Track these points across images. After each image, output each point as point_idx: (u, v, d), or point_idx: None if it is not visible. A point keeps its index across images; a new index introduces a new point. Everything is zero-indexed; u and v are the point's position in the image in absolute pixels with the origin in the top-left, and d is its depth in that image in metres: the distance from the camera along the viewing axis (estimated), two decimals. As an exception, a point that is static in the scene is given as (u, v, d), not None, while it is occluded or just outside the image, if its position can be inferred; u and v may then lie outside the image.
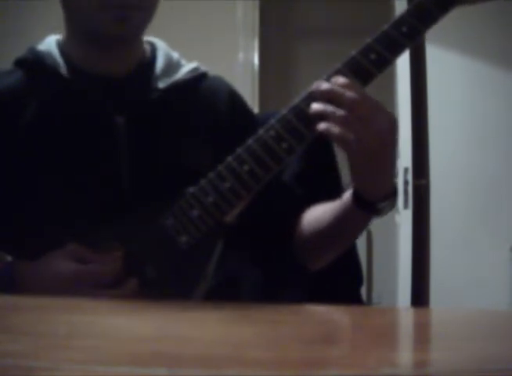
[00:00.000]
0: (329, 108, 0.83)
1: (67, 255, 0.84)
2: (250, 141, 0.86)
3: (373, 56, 0.84)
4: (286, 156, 0.85)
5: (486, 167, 2.79)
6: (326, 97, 0.83)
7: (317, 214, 1.00)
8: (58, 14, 0.99)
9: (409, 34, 0.84)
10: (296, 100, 0.86)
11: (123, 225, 0.89)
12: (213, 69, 1.08)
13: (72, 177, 0.92)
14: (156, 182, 0.95)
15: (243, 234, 0.95)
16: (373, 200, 0.89)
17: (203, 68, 1.06)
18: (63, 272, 0.82)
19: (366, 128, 0.82)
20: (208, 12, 3.15)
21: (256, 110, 3.14)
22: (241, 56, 3.26)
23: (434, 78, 2.87)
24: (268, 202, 0.93)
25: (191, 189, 0.88)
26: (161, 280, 0.87)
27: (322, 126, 0.82)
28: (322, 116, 0.83)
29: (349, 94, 0.82)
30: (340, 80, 0.83)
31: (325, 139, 0.85)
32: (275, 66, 3.94)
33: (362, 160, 0.86)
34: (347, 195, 0.92)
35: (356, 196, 0.90)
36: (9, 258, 0.87)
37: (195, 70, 1.04)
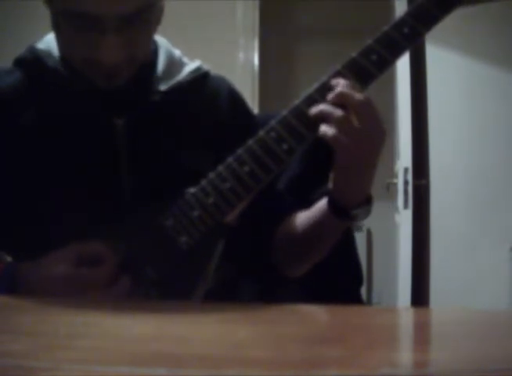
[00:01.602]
0: (328, 109, 0.83)
1: (65, 257, 0.84)
2: (250, 142, 0.86)
3: (373, 57, 0.84)
4: (286, 157, 0.85)
5: (486, 167, 2.79)
6: (335, 100, 0.83)
7: (297, 221, 1.01)
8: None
9: (410, 35, 0.84)
10: (296, 101, 0.86)
11: (123, 226, 0.89)
12: (213, 69, 1.08)
13: (71, 178, 0.92)
14: (155, 183, 0.95)
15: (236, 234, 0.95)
16: (348, 207, 0.90)
17: (206, 67, 1.05)
18: (57, 275, 0.82)
19: (362, 134, 0.83)
20: (208, 12, 3.15)
21: (256, 110, 3.14)
22: (241, 56, 3.26)
23: (434, 78, 2.87)
24: (253, 206, 0.93)
25: (191, 190, 0.88)
26: (161, 280, 0.87)
27: (322, 129, 0.83)
28: (321, 117, 0.84)
29: (358, 96, 0.82)
30: (342, 82, 0.84)
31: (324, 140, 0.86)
32: (275, 66, 3.94)
33: (349, 163, 0.87)
34: (323, 202, 0.93)
35: (332, 202, 0.91)
36: (9, 259, 0.87)
37: (197, 70, 1.03)
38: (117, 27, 0.84)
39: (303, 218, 1.00)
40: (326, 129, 0.83)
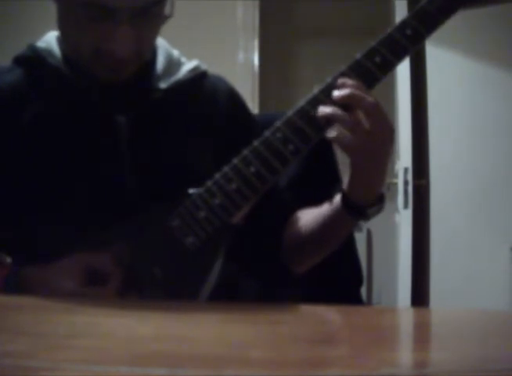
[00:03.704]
0: (339, 113, 0.84)
1: (72, 272, 0.83)
2: (255, 143, 0.86)
3: (377, 59, 0.85)
4: (292, 158, 0.86)
5: (486, 167, 2.79)
6: (345, 101, 0.84)
7: (306, 218, 1.02)
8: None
9: (414, 38, 0.85)
10: (301, 102, 0.86)
11: (128, 226, 0.89)
12: (213, 69, 1.08)
13: (74, 178, 0.92)
14: (158, 182, 0.95)
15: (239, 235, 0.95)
16: (363, 206, 0.91)
17: (204, 66, 1.06)
18: (64, 292, 0.82)
19: (372, 136, 0.84)
20: (208, 12, 3.15)
21: (256, 110, 3.14)
22: (241, 56, 3.26)
23: (434, 78, 2.87)
24: (258, 205, 0.94)
25: (197, 191, 0.88)
26: (168, 280, 0.87)
27: (332, 134, 0.84)
28: (329, 119, 0.84)
29: (368, 99, 0.83)
30: (349, 82, 0.84)
31: (325, 140, 0.86)
32: (275, 66, 3.94)
33: (363, 165, 0.88)
34: (336, 200, 0.94)
35: (346, 201, 0.91)
36: (9, 259, 0.87)
37: (195, 69, 1.04)
38: (129, 18, 0.86)
39: (311, 216, 1.00)
40: (338, 134, 0.84)
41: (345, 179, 0.92)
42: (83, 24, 0.87)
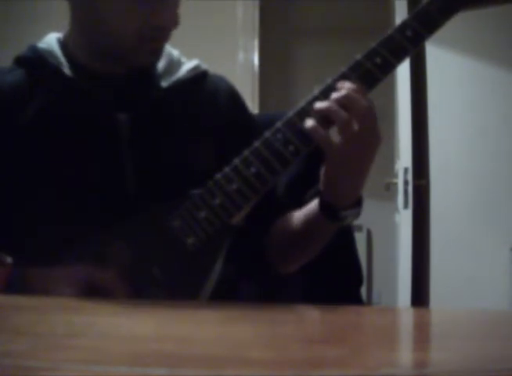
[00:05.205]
0: (334, 107, 0.84)
1: (75, 281, 0.83)
2: (256, 143, 0.86)
3: (378, 60, 0.85)
4: (292, 158, 0.86)
5: (486, 167, 2.79)
6: (341, 100, 0.84)
7: (290, 221, 1.02)
8: (58, 12, 0.99)
9: (414, 39, 0.86)
10: (301, 103, 0.87)
11: (128, 226, 0.89)
12: (213, 69, 1.08)
13: (75, 177, 0.92)
14: (159, 181, 0.95)
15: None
16: (338, 209, 0.91)
17: (204, 66, 1.06)
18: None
19: (359, 138, 0.84)
20: (208, 12, 3.15)
21: (256, 110, 3.14)
22: (241, 56, 3.26)
23: (434, 78, 2.87)
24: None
25: (198, 191, 0.88)
26: (168, 281, 0.87)
27: (308, 123, 0.83)
28: (325, 114, 0.84)
29: (363, 102, 0.83)
30: (347, 85, 0.84)
31: None
32: (275, 66, 3.94)
33: (341, 166, 0.88)
34: (315, 202, 0.94)
35: (322, 203, 0.92)
36: (9, 259, 0.87)
37: (196, 68, 1.04)
38: None
39: (296, 217, 1.01)
40: (316, 129, 0.84)
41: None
42: (129, 5, 0.89)
